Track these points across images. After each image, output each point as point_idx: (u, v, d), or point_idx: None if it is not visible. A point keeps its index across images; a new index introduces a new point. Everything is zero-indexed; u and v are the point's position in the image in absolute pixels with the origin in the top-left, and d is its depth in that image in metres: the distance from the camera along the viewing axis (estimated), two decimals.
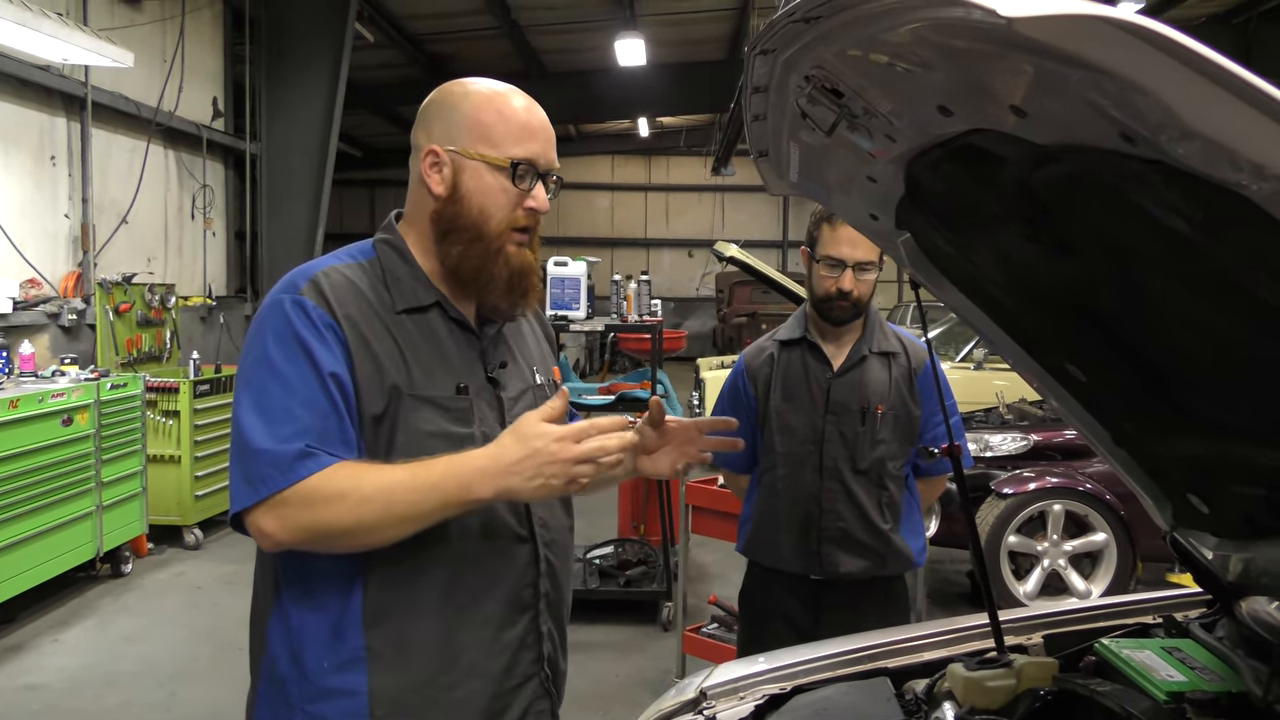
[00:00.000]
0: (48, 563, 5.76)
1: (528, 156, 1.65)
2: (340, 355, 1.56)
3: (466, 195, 1.65)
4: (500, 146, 1.65)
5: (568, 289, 5.71)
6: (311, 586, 1.62)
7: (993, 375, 8.11)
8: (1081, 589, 5.85)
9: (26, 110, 7.60)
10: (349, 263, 1.68)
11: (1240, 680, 1.54)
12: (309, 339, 1.55)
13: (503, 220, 1.65)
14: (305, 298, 1.58)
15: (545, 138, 1.69)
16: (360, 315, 1.61)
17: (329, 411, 1.54)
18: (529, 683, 1.72)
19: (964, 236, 1.71)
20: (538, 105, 1.72)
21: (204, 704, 4.71)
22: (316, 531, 1.52)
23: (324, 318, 1.57)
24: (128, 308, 7.80)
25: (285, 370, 1.55)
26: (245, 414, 1.54)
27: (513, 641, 1.69)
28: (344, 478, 1.51)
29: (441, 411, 1.63)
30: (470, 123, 1.66)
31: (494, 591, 1.67)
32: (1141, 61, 0.88)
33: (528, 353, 1.86)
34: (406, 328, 1.64)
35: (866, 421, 2.83)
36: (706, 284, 25.75)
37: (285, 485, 1.50)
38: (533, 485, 1.51)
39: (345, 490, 1.50)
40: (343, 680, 1.59)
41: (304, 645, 1.61)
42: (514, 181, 1.64)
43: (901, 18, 1.11)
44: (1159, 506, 1.86)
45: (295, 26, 10.33)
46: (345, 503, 1.50)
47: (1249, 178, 0.93)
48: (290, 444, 1.50)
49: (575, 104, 16.99)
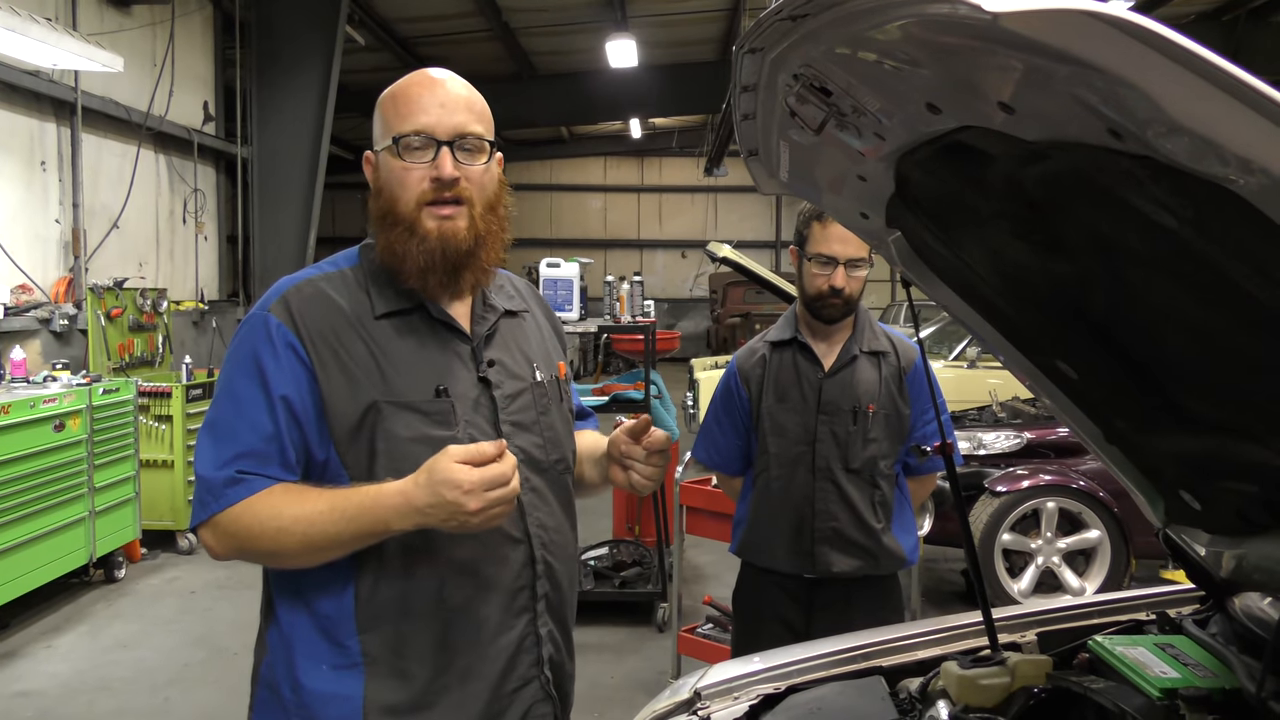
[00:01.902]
0: (40, 569, 5.74)
1: (416, 128, 1.63)
2: (299, 374, 1.59)
3: (382, 188, 1.68)
4: (391, 128, 1.66)
5: (560, 290, 5.71)
6: (303, 591, 1.63)
7: (986, 373, 8.12)
8: (1076, 586, 5.87)
9: (16, 116, 7.57)
10: (330, 272, 1.71)
11: (1234, 676, 1.54)
12: (265, 359, 1.59)
13: (409, 199, 1.64)
14: (271, 315, 1.62)
15: (442, 106, 1.65)
16: (330, 328, 1.62)
17: (271, 435, 1.58)
18: (528, 686, 1.71)
19: (954, 234, 1.71)
20: (449, 78, 1.70)
21: (198, 710, 4.70)
22: (245, 553, 1.60)
23: (285, 336, 1.60)
24: (119, 312, 7.78)
25: (238, 389, 1.61)
26: (202, 432, 1.63)
27: (509, 645, 1.68)
28: (267, 506, 1.56)
29: (420, 416, 1.62)
30: (379, 119, 1.69)
31: (488, 595, 1.66)
32: (1128, 56, 0.88)
33: (530, 349, 1.83)
34: (386, 333, 1.64)
35: (858, 421, 2.83)
36: (700, 285, 25.77)
37: (217, 510, 1.57)
38: (450, 526, 1.52)
39: (265, 519, 1.56)
40: (337, 685, 1.59)
41: (297, 650, 1.62)
42: (401, 155, 1.63)
43: (888, 15, 1.11)
44: (1151, 503, 1.86)
45: (285, 30, 10.31)
46: (265, 530, 1.56)
47: (1236, 171, 0.93)
48: (224, 470, 1.57)
49: (567, 106, 16.99)
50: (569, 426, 1.89)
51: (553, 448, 1.79)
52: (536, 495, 1.74)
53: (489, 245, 1.70)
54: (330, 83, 10.37)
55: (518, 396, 1.75)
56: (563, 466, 1.82)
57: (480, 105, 1.71)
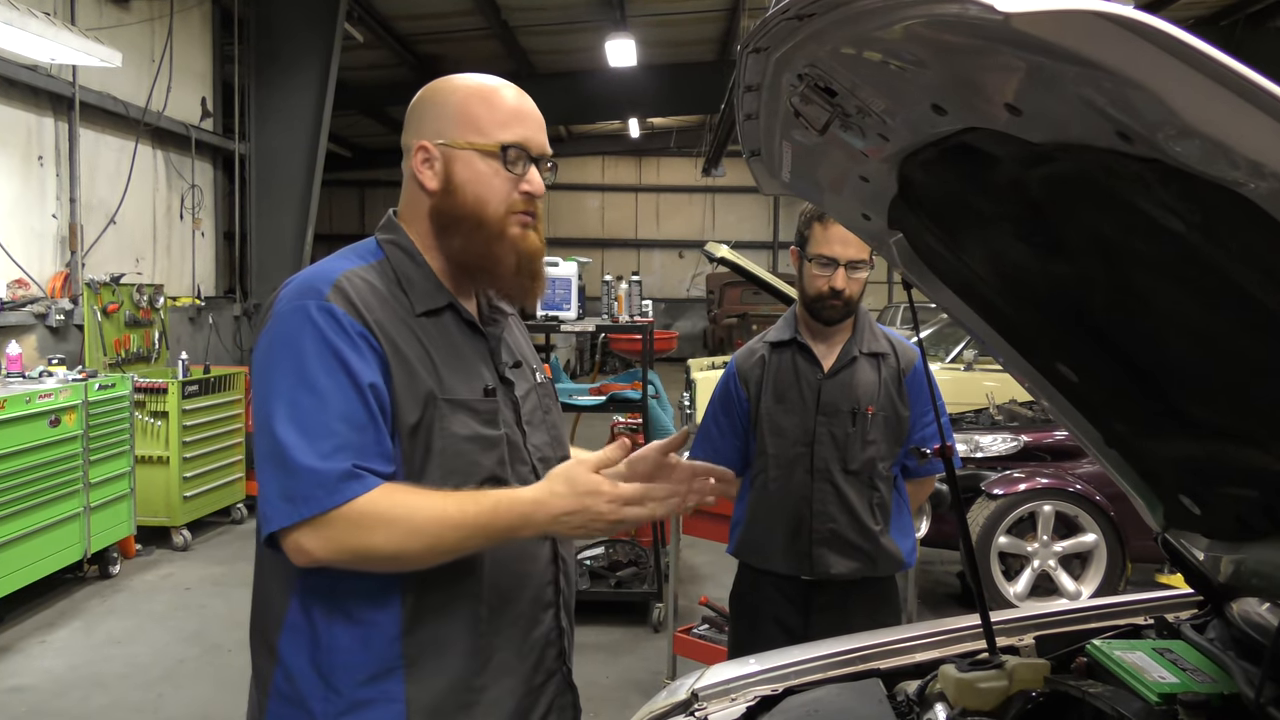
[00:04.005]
0: (35, 564, 5.72)
1: (518, 140, 1.64)
2: (375, 365, 1.53)
3: (461, 185, 1.64)
4: (488, 133, 1.63)
5: (559, 289, 5.70)
6: (342, 599, 1.57)
7: (982, 376, 8.12)
8: (1071, 589, 5.87)
9: (13, 110, 7.55)
10: (360, 265, 1.64)
11: (1232, 682, 1.54)
12: (343, 349, 1.51)
13: (500, 205, 1.64)
14: (333, 304, 1.54)
15: (535, 123, 1.68)
16: (389, 321, 1.58)
17: (366, 425, 1.50)
18: (553, 679, 1.73)
19: (957, 236, 1.70)
20: (526, 95, 1.71)
21: (192, 706, 4.68)
22: (358, 554, 1.49)
23: (356, 326, 1.53)
24: (116, 308, 7.76)
25: (321, 382, 1.50)
26: (280, 427, 1.48)
27: (539, 639, 1.70)
28: (394, 504, 1.48)
29: (474, 414, 1.62)
30: (458, 114, 1.65)
31: (523, 590, 1.68)
32: (1140, 58, 0.88)
33: (524, 352, 1.85)
34: (429, 330, 1.63)
35: (857, 422, 2.82)
36: (697, 285, 25.76)
37: (331, 506, 1.46)
38: (577, 533, 1.56)
39: (395, 518, 1.48)
40: (378, 690, 1.56)
41: (334, 657, 1.56)
42: (506, 165, 1.63)
43: (896, 14, 1.10)
44: (1151, 507, 1.85)
45: (284, 26, 10.29)
46: (394, 530, 1.48)
47: (1247, 176, 0.92)
48: (334, 462, 1.47)
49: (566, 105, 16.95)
50: (564, 425, 1.92)
51: (559, 445, 1.82)
52: None
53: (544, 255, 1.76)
54: (329, 80, 10.35)
55: (528, 396, 1.77)
56: None
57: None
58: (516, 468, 1.67)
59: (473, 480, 1.59)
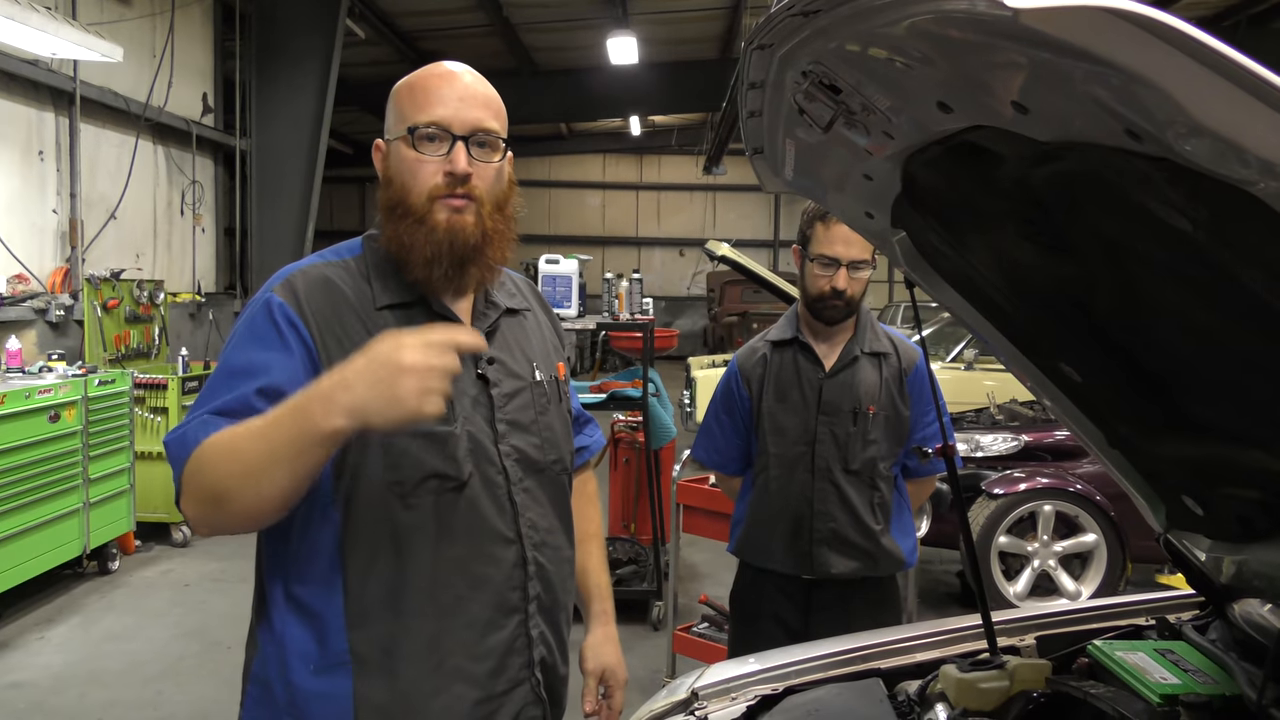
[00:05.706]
0: (34, 560, 5.72)
1: (432, 120, 1.61)
2: (297, 354, 1.55)
3: (393, 176, 1.65)
4: (406, 118, 1.63)
5: (559, 287, 5.69)
6: (292, 587, 1.60)
7: (983, 375, 8.12)
8: (1071, 590, 5.87)
9: (14, 105, 7.55)
10: (333, 260, 1.69)
11: (1234, 683, 1.54)
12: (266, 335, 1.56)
13: (421, 190, 1.61)
14: (275, 295, 1.59)
15: (461, 101, 1.63)
16: (333, 313, 1.60)
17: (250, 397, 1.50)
18: (518, 688, 1.69)
19: (961, 235, 1.69)
20: (466, 73, 1.68)
21: (191, 703, 4.68)
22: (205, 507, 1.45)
23: (288, 314, 1.57)
24: (116, 304, 7.76)
25: (233, 361, 1.56)
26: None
27: (499, 645, 1.66)
28: (221, 438, 1.44)
29: None
30: (393, 107, 1.68)
31: (479, 594, 1.64)
32: (1150, 55, 0.87)
33: (530, 348, 1.82)
34: (387, 324, 1.61)
35: (858, 422, 2.82)
36: (698, 283, 25.77)
37: (185, 457, 1.46)
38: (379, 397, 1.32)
39: (215, 456, 1.43)
40: (326, 684, 1.57)
41: (288, 648, 1.59)
42: (414, 146, 1.61)
43: (903, 11, 1.09)
44: (1153, 508, 1.85)
45: (285, 22, 10.29)
46: (218, 469, 1.42)
47: (1258, 175, 0.92)
48: (193, 419, 1.49)
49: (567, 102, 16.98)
50: (567, 427, 1.87)
51: (550, 448, 1.78)
52: (529, 496, 1.71)
53: (496, 243, 1.67)
54: (330, 76, 10.36)
55: (516, 395, 1.73)
56: (559, 468, 1.81)
57: (497, 103, 1.70)
58: (481, 467, 1.64)
59: (415, 476, 1.58)
